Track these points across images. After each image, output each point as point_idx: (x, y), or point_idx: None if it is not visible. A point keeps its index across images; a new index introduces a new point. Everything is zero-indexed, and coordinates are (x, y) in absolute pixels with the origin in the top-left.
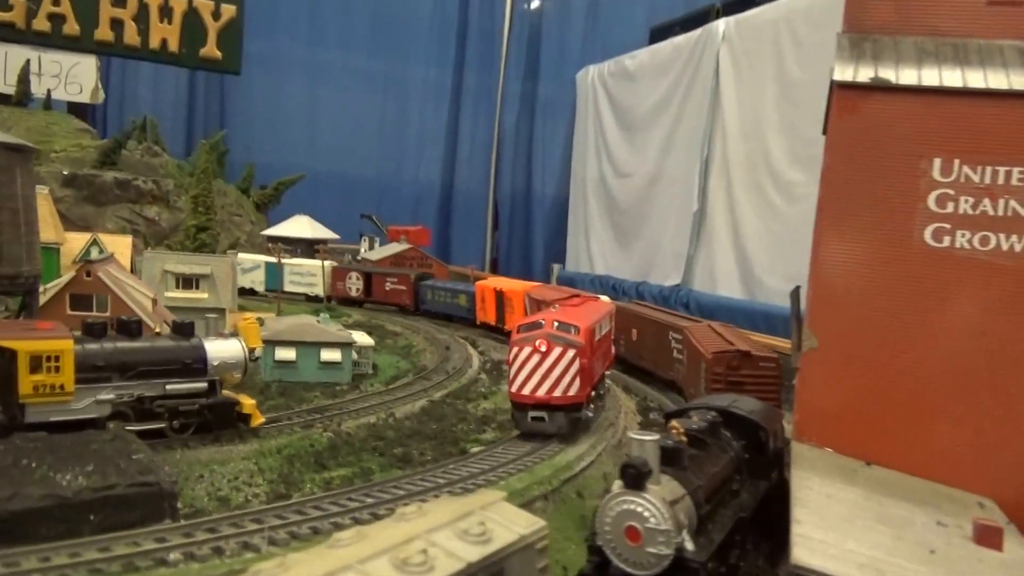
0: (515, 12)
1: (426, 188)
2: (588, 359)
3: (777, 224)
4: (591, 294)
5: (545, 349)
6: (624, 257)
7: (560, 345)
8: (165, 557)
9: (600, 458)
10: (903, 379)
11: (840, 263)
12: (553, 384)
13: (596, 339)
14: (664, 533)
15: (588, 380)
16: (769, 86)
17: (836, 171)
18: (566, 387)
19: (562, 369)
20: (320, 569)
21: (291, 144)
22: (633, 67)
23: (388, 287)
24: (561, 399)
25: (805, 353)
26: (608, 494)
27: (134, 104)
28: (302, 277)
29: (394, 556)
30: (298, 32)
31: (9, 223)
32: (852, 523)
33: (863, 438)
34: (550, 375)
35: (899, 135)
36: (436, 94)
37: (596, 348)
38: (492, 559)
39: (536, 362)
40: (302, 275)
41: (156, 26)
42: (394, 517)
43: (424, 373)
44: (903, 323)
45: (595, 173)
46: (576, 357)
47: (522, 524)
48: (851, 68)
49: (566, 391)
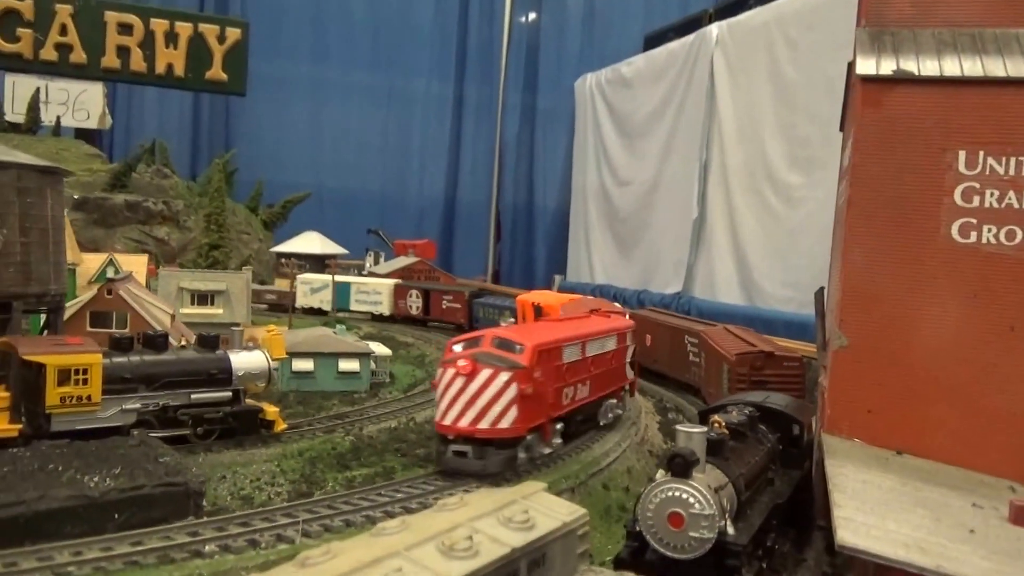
0: (513, 24)
1: (429, 201)
2: (532, 384)
3: (776, 229)
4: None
5: (469, 371)
6: (624, 266)
7: (489, 366)
8: (200, 549)
9: (625, 454)
10: (933, 373)
11: (869, 261)
12: (479, 413)
13: (563, 361)
14: (708, 518)
15: (534, 410)
16: (764, 89)
17: (864, 168)
18: (496, 417)
19: (491, 395)
20: (368, 555)
21: (296, 162)
22: (629, 74)
23: (444, 305)
24: (488, 432)
25: (835, 350)
26: (652, 483)
27: (140, 128)
28: (368, 296)
29: (440, 542)
30: (301, 52)
31: (38, 243)
32: (890, 506)
33: (894, 430)
34: (476, 402)
35: (923, 128)
36: (437, 108)
37: (562, 372)
38: (535, 544)
39: (460, 386)
40: (368, 294)
41: (162, 51)
42: (436, 507)
43: None
44: (932, 319)
45: (595, 181)
46: (511, 382)
47: (563, 511)
48: (873, 61)
49: (495, 422)
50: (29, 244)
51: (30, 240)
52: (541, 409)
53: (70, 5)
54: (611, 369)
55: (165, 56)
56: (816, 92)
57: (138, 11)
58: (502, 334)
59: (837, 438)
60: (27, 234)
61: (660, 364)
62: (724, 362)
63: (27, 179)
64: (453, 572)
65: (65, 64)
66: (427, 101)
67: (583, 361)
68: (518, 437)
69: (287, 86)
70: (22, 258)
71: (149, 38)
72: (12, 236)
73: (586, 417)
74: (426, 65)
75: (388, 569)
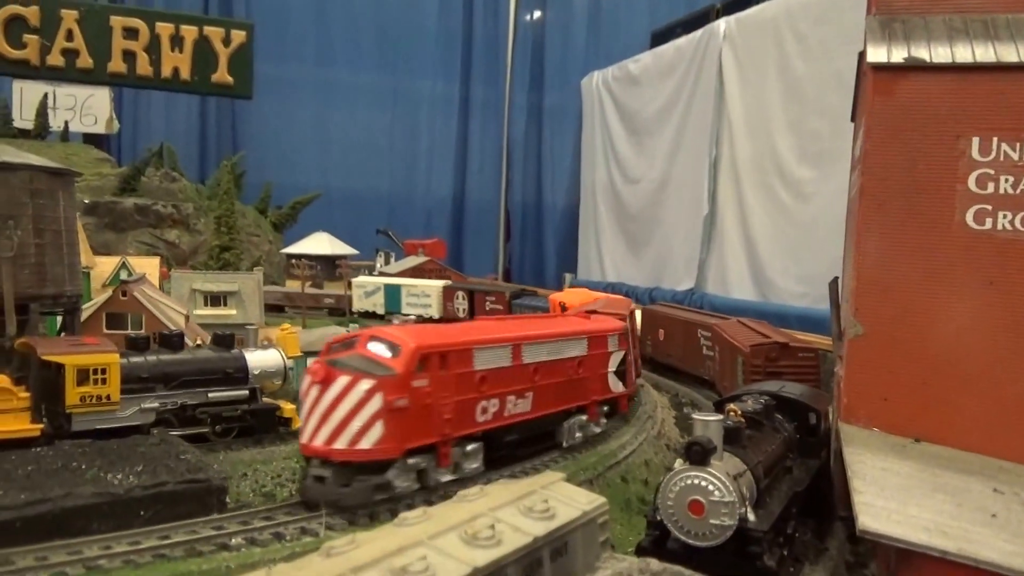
0: (518, 23)
1: (438, 201)
2: (410, 394)
3: (787, 224)
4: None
5: (322, 378)
6: (635, 264)
7: (348, 373)
8: (226, 542)
9: (642, 447)
10: (949, 360)
11: (883, 249)
12: (335, 430)
13: (475, 368)
14: (728, 505)
15: (416, 427)
16: (773, 83)
17: (876, 156)
18: (355, 435)
19: (349, 408)
20: (392, 544)
21: (303, 164)
22: (637, 71)
23: (488, 306)
24: (345, 453)
25: (851, 340)
26: (671, 471)
27: (147, 132)
28: (418, 298)
29: (463, 532)
30: (306, 53)
31: (52, 244)
32: (910, 492)
33: (911, 417)
34: (331, 416)
35: (936, 115)
36: (444, 108)
37: (474, 381)
38: (557, 534)
39: (315, 396)
40: (418, 296)
41: (168, 55)
42: (456, 498)
43: None
44: (948, 306)
45: (604, 179)
46: (374, 392)
47: (583, 501)
48: (884, 49)
49: (354, 441)
50: (43, 246)
51: (44, 242)
52: (430, 426)
53: (76, 10)
54: (577, 379)
55: (171, 60)
56: (826, 86)
57: (143, 15)
58: (383, 333)
59: (854, 427)
60: (41, 236)
61: (674, 359)
62: (739, 354)
63: (39, 181)
64: (477, 560)
65: (72, 69)
66: (433, 101)
67: (517, 369)
68: (387, 460)
69: (293, 88)
70: (37, 260)
71: (155, 42)
72: (26, 238)
73: (533, 436)
74: (432, 65)
75: (412, 557)
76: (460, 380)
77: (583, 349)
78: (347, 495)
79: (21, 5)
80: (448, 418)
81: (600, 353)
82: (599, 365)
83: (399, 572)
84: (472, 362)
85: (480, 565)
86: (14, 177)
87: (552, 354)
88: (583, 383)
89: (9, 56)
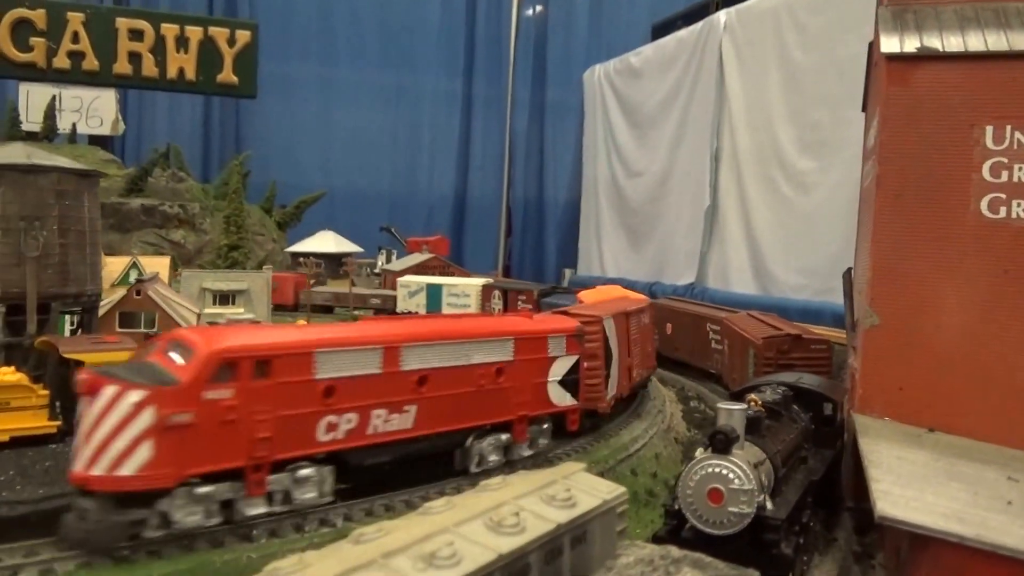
0: (520, 18)
1: (439, 197)
2: (199, 409)
3: (789, 217)
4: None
5: (88, 388)
6: (636, 259)
7: (115, 383)
8: (248, 534)
9: (652, 441)
10: (964, 349)
11: (898, 239)
12: (96, 451)
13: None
14: (747, 493)
15: (207, 449)
16: (773, 74)
17: (891, 146)
18: (115, 459)
19: (113, 425)
20: (420, 532)
21: (306, 162)
22: (638, 64)
23: (519, 304)
24: (103, 481)
25: (866, 330)
26: (691, 460)
27: (152, 133)
28: (457, 298)
29: (488, 519)
30: (310, 52)
31: (76, 244)
32: (927, 480)
33: (925, 407)
34: (94, 435)
35: (950, 104)
36: (447, 104)
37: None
38: (578, 521)
39: (81, 410)
40: (458, 296)
41: (173, 56)
42: (478, 488)
43: None
44: (962, 296)
45: (606, 173)
46: (144, 405)
47: (603, 490)
48: (896, 39)
49: (113, 466)
50: (67, 245)
51: (68, 242)
52: (234, 446)
53: (82, 13)
54: (494, 390)
55: (176, 60)
56: (826, 76)
57: (149, 16)
58: (181, 334)
59: (869, 417)
60: (65, 236)
61: (681, 352)
62: (750, 346)
63: (65, 182)
64: (502, 547)
65: (78, 72)
66: (436, 98)
67: (391, 376)
68: (156, 490)
69: (296, 87)
70: (60, 259)
71: (160, 43)
72: (51, 238)
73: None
74: (434, 62)
75: (440, 543)
76: (290, 390)
77: (506, 354)
78: (94, 534)
79: (27, 8)
80: (264, 437)
81: (535, 359)
82: (533, 373)
83: (428, 557)
84: (312, 369)
85: (505, 551)
86: (43, 179)
87: (450, 359)
88: (504, 395)
89: (16, 59)
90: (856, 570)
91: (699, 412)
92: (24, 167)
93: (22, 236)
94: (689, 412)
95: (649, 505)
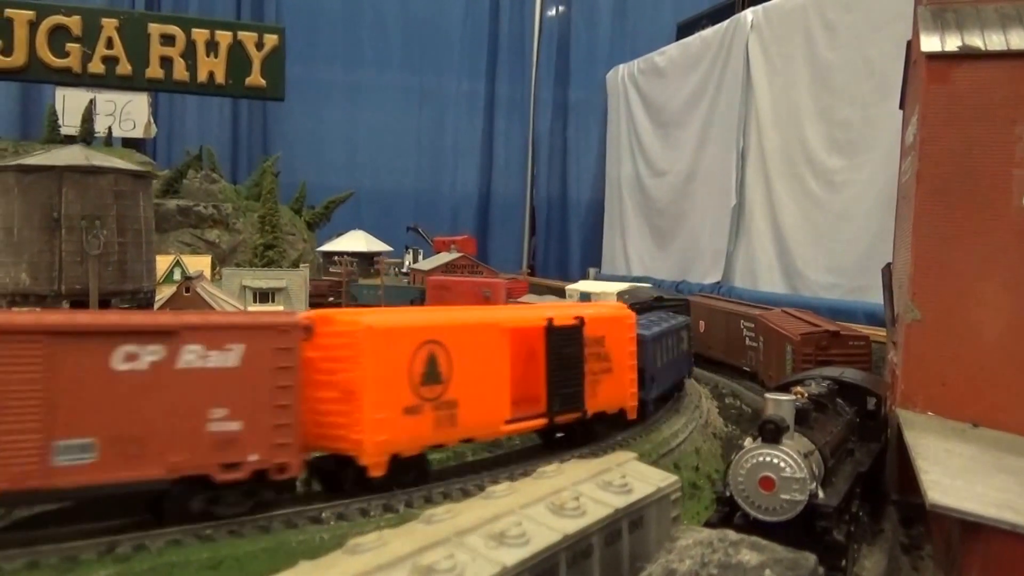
0: (543, 19)
1: (464, 197)
2: None
3: (817, 214)
4: None
5: None
6: (662, 257)
7: None
8: (318, 516)
9: (692, 436)
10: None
11: (940, 234)
12: None
13: None
14: (799, 481)
15: None
16: (802, 72)
17: (932, 143)
18: None
19: None
20: (487, 513)
21: (333, 164)
22: (663, 63)
23: None
24: None
25: (908, 324)
26: (741, 449)
27: (182, 136)
28: None
29: (550, 503)
30: (335, 55)
31: (133, 243)
32: (974, 472)
33: (968, 402)
34: None
35: (991, 101)
36: (470, 105)
37: None
38: (635, 507)
39: None
40: None
41: (203, 60)
42: (536, 475)
43: None
44: (1004, 290)
45: (630, 173)
46: None
47: (657, 478)
48: (937, 38)
49: None
50: (125, 244)
51: (126, 240)
52: None
53: (115, 19)
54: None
55: (206, 65)
56: (856, 74)
57: (180, 22)
58: None
59: (912, 412)
60: (123, 234)
61: (714, 350)
62: (788, 343)
63: (122, 183)
64: (567, 528)
65: (112, 76)
66: (459, 99)
67: None
68: None
69: (322, 89)
70: (119, 257)
71: (191, 48)
72: (110, 237)
73: None
74: (458, 64)
75: (508, 524)
76: None
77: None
78: None
79: (63, 15)
80: None
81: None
82: None
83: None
84: None
85: (570, 532)
86: (102, 179)
87: None
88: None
89: (53, 64)
90: (905, 561)
91: (735, 408)
92: (84, 168)
93: (84, 235)
94: (725, 409)
95: (694, 498)
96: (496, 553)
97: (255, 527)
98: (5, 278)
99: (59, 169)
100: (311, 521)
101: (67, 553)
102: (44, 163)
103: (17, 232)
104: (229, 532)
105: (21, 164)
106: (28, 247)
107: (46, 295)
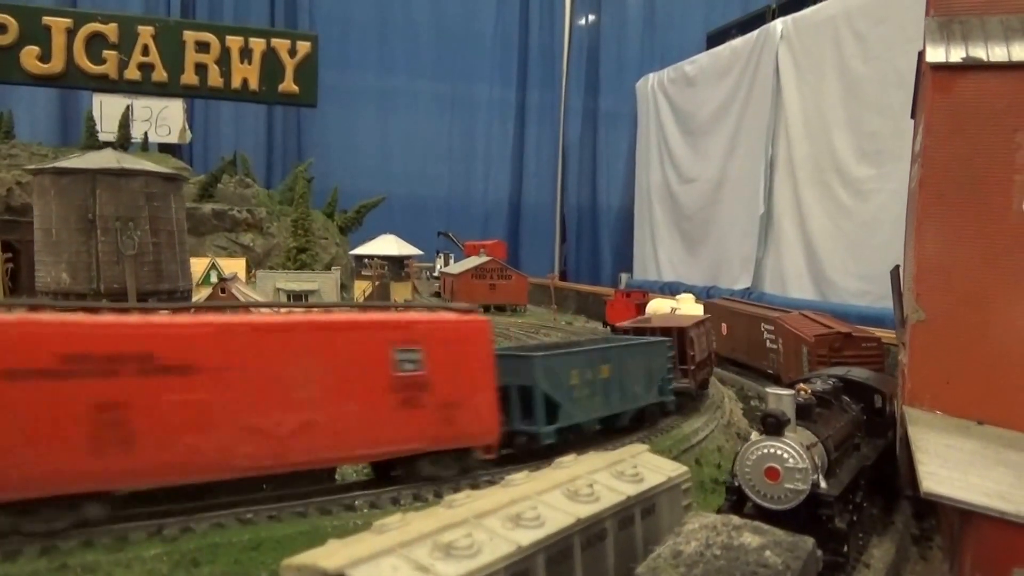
0: (573, 28)
1: (495, 204)
2: None
3: (847, 222)
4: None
5: None
6: (692, 263)
7: None
8: (352, 504)
9: (713, 433)
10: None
11: (943, 237)
12: None
13: None
14: (802, 471)
15: None
16: (831, 83)
17: (935, 150)
18: None
19: None
20: (505, 498)
21: (365, 170)
22: (693, 72)
23: None
24: None
25: (913, 325)
26: (747, 442)
27: (217, 141)
28: None
29: (565, 489)
30: (368, 62)
31: (167, 244)
32: (973, 465)
33: (974, 400)
34: None
35: (994, 110)
36: (501, 113)
37: None
38: (647, 495)
39: None
40: None
41: (237, 67)
42: (553, 465)
43: None
44: (1006, 292)
45: (659, 180)
46: None
47: (668, 469)
48: (942, 49)
49: None
50: (159, 244)
51: (159, 241)
52: None
53: (151, 26)
54: None
55: (240, 71)
56: (886, 86)
57: (214, 29)
58: None
59: (918, 410)
60: (157, 235)
61: (738, 353)
62: (803, 344)
63: (153, 185)
64: (582, 513)
65: (148, 83)
66: (490, 107)
67: None
68: None
69: (355, 96)
70: (154, 257)
71: (225, 55)
72: (144, 238)
73: None
74: (488, 71)
75: (525, 507)
76: None
77: None
78: None
79: (100, 23)
80: None
81: None
82: None
83: (515, 518)
84: None
85: (583, 516)
86: (134, 182)
87: None
88: None
89: (90, 71)
90: (914, 551)
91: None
92: (116, 171)
93: (119, 235)
94: (750, 411)
95: (715, 492)
96: (513, 534)
97: (292, 513)
98: (46, 277)
99: (92, 172)
100: (345, 508)
101: (118, 534)
102: (78, 166)
103: (56, 232)
104: (268, 517)
105: (56, 167)
106: (66, 247)
107: (85, 293)
